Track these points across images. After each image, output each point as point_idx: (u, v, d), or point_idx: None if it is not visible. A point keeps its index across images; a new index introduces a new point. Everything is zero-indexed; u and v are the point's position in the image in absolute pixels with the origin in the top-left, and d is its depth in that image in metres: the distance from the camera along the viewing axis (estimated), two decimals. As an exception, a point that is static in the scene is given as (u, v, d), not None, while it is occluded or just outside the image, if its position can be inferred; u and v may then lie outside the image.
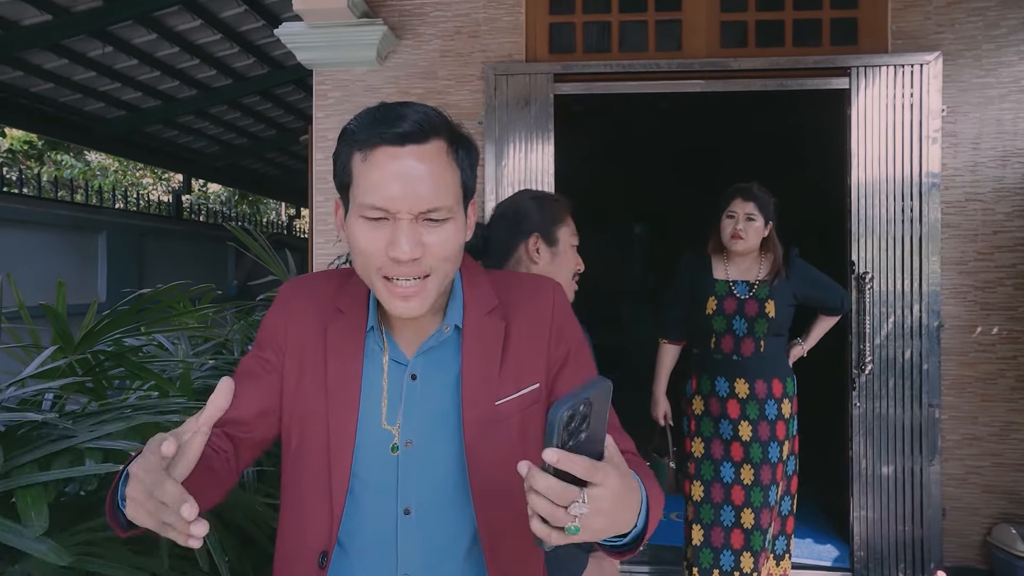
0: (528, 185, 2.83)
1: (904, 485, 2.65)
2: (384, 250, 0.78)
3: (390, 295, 0.80)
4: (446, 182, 0.80)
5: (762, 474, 2.21)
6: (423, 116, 0.79)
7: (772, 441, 2.23)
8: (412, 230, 0.78)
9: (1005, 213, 2.67)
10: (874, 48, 2.76)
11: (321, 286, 0.93)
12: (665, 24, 2.92)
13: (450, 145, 0.81)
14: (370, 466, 0.86)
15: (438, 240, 0.79)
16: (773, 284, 2.25)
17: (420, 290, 0.80)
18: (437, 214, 0.79)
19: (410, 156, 0.77)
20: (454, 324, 0.88)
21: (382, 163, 0.77)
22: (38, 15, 3.95)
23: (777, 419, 2.24)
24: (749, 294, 2.26)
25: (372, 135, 0.78)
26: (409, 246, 0.77)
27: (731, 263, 2.32)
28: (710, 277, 2.31)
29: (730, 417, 2.25)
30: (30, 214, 4.87)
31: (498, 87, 2.84)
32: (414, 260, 0.78)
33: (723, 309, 2.26)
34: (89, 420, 1.25)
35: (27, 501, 1.03)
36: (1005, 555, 2.53)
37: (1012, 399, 2.66)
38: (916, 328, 2.65)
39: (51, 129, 5.53)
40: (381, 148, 0.78)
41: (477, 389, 0.86)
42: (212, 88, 5.43)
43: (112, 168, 11.77)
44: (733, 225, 2.24)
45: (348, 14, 2.70)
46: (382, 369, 0.88)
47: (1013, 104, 2.66)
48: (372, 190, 0.77)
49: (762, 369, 2.24)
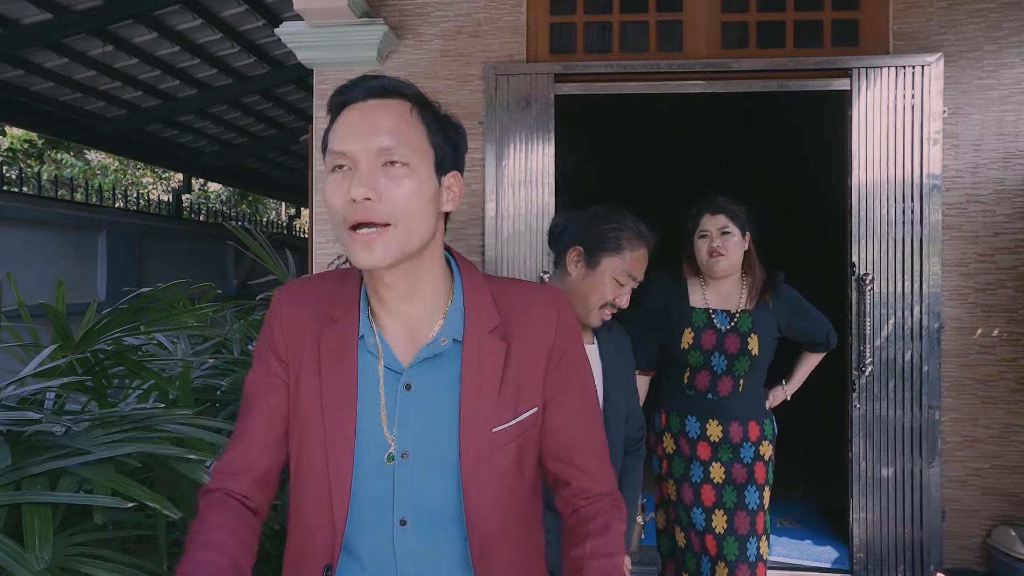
0: (528, 185, 2.83)
1: (904, 487, 2.65)
2: (346, 196, 0.80)
3: (353, 242, 0.81)
4: (405, 132, 0.82)
5: (736, 522, 1.94)
6: (391, 80, 0.86)
7: (750, 485, 1.97)
8: (370, 174, 0.80)
9: (1006, 215, 2.66)
10: (875, 49, 2.76)
11: (314, 292, 0.93)
12: (666, 25, 2.91)
13: (415, 106, 0.85)
14: (366, 477, 0.85)
15: (397, 190, 0.81)
16: (756, 313, 2.00)
17: (379, 236, 0.80)
18: (394, 157, 0.81)
19: (371, 108, 0.83)
20: (452, 337, 0.87)
21: (347, 116, 0.84)
22: (38, 14, 3.94)
23: (754, 461, 1.99)
24: (729, 325, 1.99)
25: (342, 96, 0.85)
26: (364, 186, 0.79)
27: (709, 288, 2.05)
28: (686, 304, 2.04)
29: (700, 459, 2.01)
30: (30, 213, 4.87)
31: (499, 87, 2.84)
32: (368, 201, 0.79)
33: (700, 343, 1.99)
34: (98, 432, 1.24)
35: (33, 524, 1.01)
36: (1005, 557, 2.53)
37: (1012, 401, 2.65)
38: (916, 330, 2.64)
39: (51, 128, 5.53)
40: (349, 106, 0.84)
41: (475, 414, 0.85)
42: (212, 87, 5.43)
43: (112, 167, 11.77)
44: (708, 243, 1.99)
45: (349, 14, 2.70)
46: (377, 378, 0.87)
47: (1014, 106, 2.66)
48: (335, 140, 0.83)
49: (738, 411, 2.00)
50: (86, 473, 1.11)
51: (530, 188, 2.83)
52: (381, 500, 0.85)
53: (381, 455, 0.85)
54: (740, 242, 2.00)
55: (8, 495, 1.02)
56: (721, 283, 2.04)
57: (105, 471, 1.11)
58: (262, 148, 7.43)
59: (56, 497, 1.05)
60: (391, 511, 0.85)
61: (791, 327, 2.05)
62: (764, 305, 2.02)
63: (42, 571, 0.96)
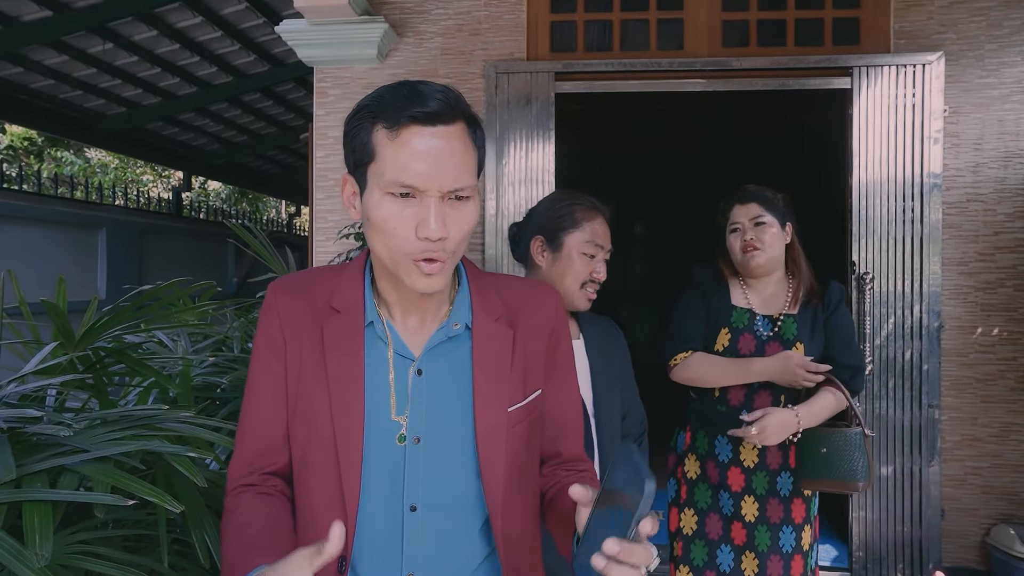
0: (528, 184, 2.83)
1: (903, 485, 2.65)
2: (412, 231, 0.79)
3: (417, 273, 0.81)
4: (468, 161, 0.82)
5: (770, 567, 1.70)
6: (447, 95, 0.81)
7: (786, 525, 1.72)
8: (439, 209, 0.79)
9: (1006, 214, 2.66)
10: (876, 48, 2.76)
11: (311, 285, 0.92)
12: (667, 23, 2.91)
13: (468, 126, 0.83)
14: (376, 462, 0.86)
15: (461, 218, 0.81)
16: (802, 318, 1.73)
17: (441, 268, 0.82)
18: (462, 192, 0.81)
19: (439, 136, 0.79)
20: (464, 323, 0.89)
21: (412, 141, 0.78)
22: (38, 11, 3.94)
23: (793, 496, 1.74)
24: (771, 332, 1.74)
25: (401, 113, 0.78)
26: (437, 224, 0.78)
27: (751, 290, 1.80)
28: (727, 301, 1.80)
29: (731, 489, 1.75)
30: (30, 211, 4.87)
31: (499, 85, 2.84)
32: (441, 239, 0.79)
33: (736, 347, 1.74)
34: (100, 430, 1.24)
35: (34, 521, 1.01)
36: (1004, 556, 2.53)
37: (1012, 400, 2.65)
38: (916, 329, 2.65)
39: (51, 125, 5.52)
40: (411, 127, 0.78)
41: (490, 395, 0.87)
42: (212, 85, 5.42)
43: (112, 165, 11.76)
44: (741, 237, 1.74)
45: (349, 11, 2.70)
46: (387, 363, 0.88)
47: (1015, 105, 2.66)
48: (401, 168, 0.78)
49: None
50: (86, 471, 1.11)
51: (530, 186, 2.83)
52: (391, 486, 0.86)
53: (391, 440, 0.86)
54: (779, 234, 1.74)
55: (8, 492, 1.02)
56: (763, 284, 1.79)
57: (105, 468, 1.11)
58: (262, 146, 7.43)
59: (56, 495, 1.05)
60: (401, 497, 0.86)
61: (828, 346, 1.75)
62: (811, 309, 1.75)
63: (42, 568, 0.96)
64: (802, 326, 1.73)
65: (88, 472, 1.10)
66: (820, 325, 1.74)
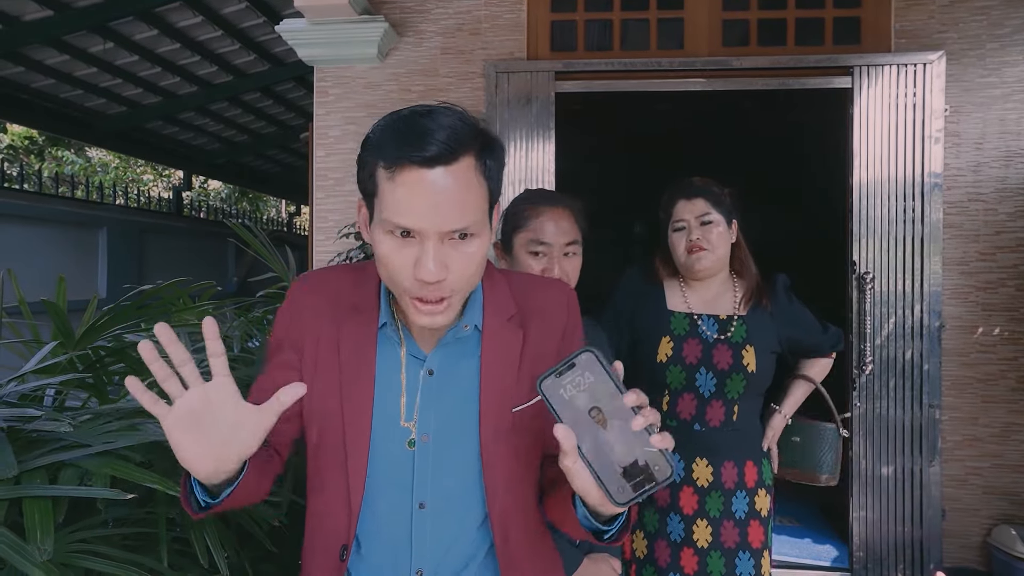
0: (529, 184, 2.83)
1: (904, 486, 2.65)
2: (411, 269, 0.78)
3: (417, 312, 0.81)
4: (473, 199, 0.78)
5: None
6: (451, 134, 0.76)
7: (742, 551, 1.58)
8: (438, 250, 0.77)
9: (1007, 213, 2.66)
10: (877, 47, 2.75)
11: (334, 282, 0.94)
12: (667, 22, 2.91)
13: (478, 159, 0.79)
14: (387, 462, 0.87)
15: (464, 257, 0.79)
16: (751, 320, 1.62)
17: (446, 307, 0.81)
18: (466, 231, 0.78)
19: (438, 177, 0.75)
20: (474, 324, 0.90)
21: (408, 183, 0.75)
22: (39, 11, 3.94)
23: (749, 518, 1.60)
24: (720, 335, 1.61)
25: (399, 154, 0.75)
26: (435, 266, 0.76)
27: (691, 290, 1.67)
28: (663, 307, 1.65)
29: (682, 512, 1.60)
30: (31, 210, 4.87)
31: (499, 85, 2.84)
32: (439, 281, 0.78)
33: (681, 356, 1.60)
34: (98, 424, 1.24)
35: (35, 517, 1.01)
36: (1005, 556, 2.53)
37: (1013, 400, 2.65)
38: (917, 328, 2.64)
39: (52, 125, 5.53)
40: (408, 168, 0.75)
41: (496, 395, 0.88)
42: (213, 84, 5.43)
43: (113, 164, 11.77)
44: (686, 237, 1.61)
45: (349, 11, 2.69)
46: (399, 363, 0.89)
47: (1016, 104, 2.65)
48: (397, 209, 0.76)
49: (734, 446, 1.62)
50: (86, 465, 1.11)
51: (530, 186, 2.82)
52: (401, 484, 0.87)
53: (402, 441, 0.87)
54: (726, 232, 1.62)
55: (8, 489, 1.02)
56: (706, 285, 1.67)
57: (105, 461, 1.12)
58: (262, 145, 7.43)
59: (56, 490, 1.05)
60: (410, 495, 0.87)
61: (794, 341, 1.69)
62: (761, 310, 1.64)
63: (44, 563, 0.96)
64: (753, 329, 1.62)
65: (88, 466, 1.11)
66: (773, 325, 1.65)
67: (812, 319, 1.72)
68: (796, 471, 1.78)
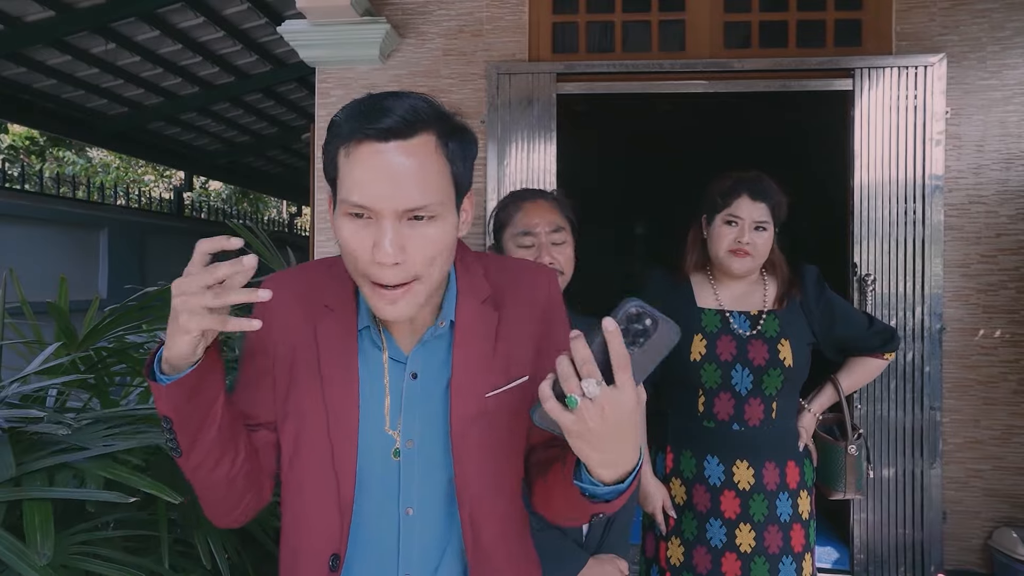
0: (530, 185, 2.83)
1: (905, 488, 2.64)
2: (370, 252, 0.74)
3: (377, 298, 0.77)
4: (433, 179, 0.75)
5: None
6: (410, 109, 0.74)
7: (786, 555, 1.53)
8: (396, 231, 0.74)
9: (1008, 216, 2.66)
10: (878, 50, 2.75)
11: (303, 280, 0.90)
12: (668, 24, 2.91)
13: (440, 139, 0.76)
14: (373, 470, 0.85)
15: (422, 239, 0.75)
16: (784, 315, 1.59)
17: (406, 292, 0.77)
18: (422, 212, 0.75)
19: (394, 152, 0.73)
20: (449, 319, 0.87)
21: (364, 159, 0.73)
22: (41, 11, 3.95)
23: (792, 521, 1.56)
24: (753, 331, 1.58)
25: (355, 129, 0.74)
26: (392, 248, 0.73)
27: (721, 286, 1.64)
28: (692, 305, 1.62)
29: (724, 516, 1.55)
30: (32, 210, 4.88)
31: (501, 86, 2.84)
32: (397, 264, 0.74)
33: (716, 354, 1.56)
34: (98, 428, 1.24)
35: (34, 520, 1.01)
36: (1006, 559, 2.52)
37: (1014, 402, 2.65)
38: (918, 331, 2.64)
39: (53, 125, 5.54)
40: (364, 143, 0.73)
41: (467, 383, 0.85)
42: (214, 85, 5.43)
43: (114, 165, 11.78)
44: (735, 235, 1.55)
45: (351, 12, 2.70)
46: (381, 368, 0.86)
47: (1017, 106, 2.65)
48: (354, 187, 0.74)
49: (774, 445, 1.57)
50: (85, 467, 1.11)
51: (532, 187, 2.83)
52: (388, 491, 0.85)
53: (387, 449, 0.85)
54: (770, 241, 1.59)
55: (8, 491, 1.03)
56: (737, 281, 1.63)
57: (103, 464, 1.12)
58: (264, 146, 7.43)
59: (56, 493, 1.05)
60: (397, 502, 0.85)
61: (832, 334, 1.63)
62: (793, 304, 1.61)
63: (44, 567, 0.96)
64: (785, 323, 1.58)
65: (86, 468, 1.11)
66: (805, 318, 1.61)
67: (850, 311, 1.67)
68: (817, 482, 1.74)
